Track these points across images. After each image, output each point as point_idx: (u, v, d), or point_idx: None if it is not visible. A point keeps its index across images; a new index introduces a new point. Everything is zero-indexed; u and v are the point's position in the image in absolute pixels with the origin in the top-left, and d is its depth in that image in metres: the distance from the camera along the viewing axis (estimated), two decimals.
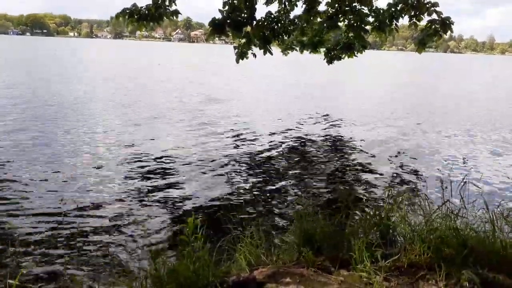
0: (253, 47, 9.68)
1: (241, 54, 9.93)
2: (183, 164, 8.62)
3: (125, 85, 23.21)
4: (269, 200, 6.82)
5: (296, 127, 13.21)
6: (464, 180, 3.67)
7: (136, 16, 8.58)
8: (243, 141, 10.99)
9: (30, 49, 63.18)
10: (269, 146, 10.61)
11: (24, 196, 6.46)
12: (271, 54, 9.40)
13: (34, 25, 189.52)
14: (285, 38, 10.05)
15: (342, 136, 12.28)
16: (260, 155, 9.69)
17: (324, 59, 10.73)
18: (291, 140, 11.31)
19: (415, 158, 9.85)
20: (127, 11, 8.62)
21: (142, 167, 8.31)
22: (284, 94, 22.71)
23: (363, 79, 35.43)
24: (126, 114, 14.10)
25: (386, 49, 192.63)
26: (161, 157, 9.03)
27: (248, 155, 9.65)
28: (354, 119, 15.20)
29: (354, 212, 3.79)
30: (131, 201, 6.49)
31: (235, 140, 11.04)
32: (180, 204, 6.53)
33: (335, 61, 10.68)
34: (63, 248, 4.87)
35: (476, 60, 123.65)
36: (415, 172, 8.72)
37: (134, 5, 8.61)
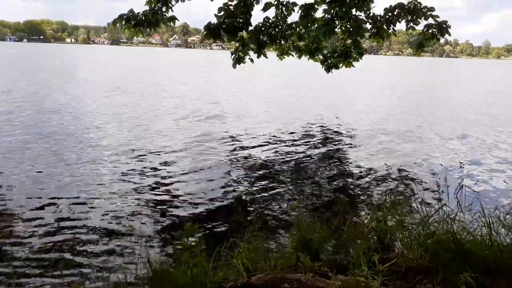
0: (249, 51, 9.75)
1: (238, 59, 9.99)
2: (180, 169, 8.60)
3: (126, 88, 23.33)
4: (266, 205, 6.80)
5: (294, 131, 13.22)
6: (461, 184, 3.68)
7: (133, 22, 8.62)
8: (240, 145, 10.98)
9: (30, 55, 63.14)
10: (266, 150, 10.61)
11: (19, 199, 6.42)
12: (266, 57, 9.49)
13: (31, 31, 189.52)
14: (282, 42, 10.12)
15: (339, 141, 12.29)
16: (257, 160, 9.69)
17: (322, 67, 10.83)
18: (288, 145, 11.32)
19: (412, 163, 9.86)
20: (124, 17, 8.66)
21: (139, 172, 8.29)
22: (282, 97, 22.74)
23: (362, 83, 35.49)
24: (126, 114, 14.11)
25: (383, 54, 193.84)
26: (158, 162, 9.01)
27: (245, 160, 9.64)
28: (352, 123, 15.22)
29: (352, 217, 3.80)
30: (127, 206, 6.46)
31: (232, 144, 11.03)
32: (178, 210, 6.51)
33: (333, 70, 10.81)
34: (58, 254, 4.83)
35: (473, 64, 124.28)
36: (412, 177, 8.73)
37: (131, 11, 8.65)
